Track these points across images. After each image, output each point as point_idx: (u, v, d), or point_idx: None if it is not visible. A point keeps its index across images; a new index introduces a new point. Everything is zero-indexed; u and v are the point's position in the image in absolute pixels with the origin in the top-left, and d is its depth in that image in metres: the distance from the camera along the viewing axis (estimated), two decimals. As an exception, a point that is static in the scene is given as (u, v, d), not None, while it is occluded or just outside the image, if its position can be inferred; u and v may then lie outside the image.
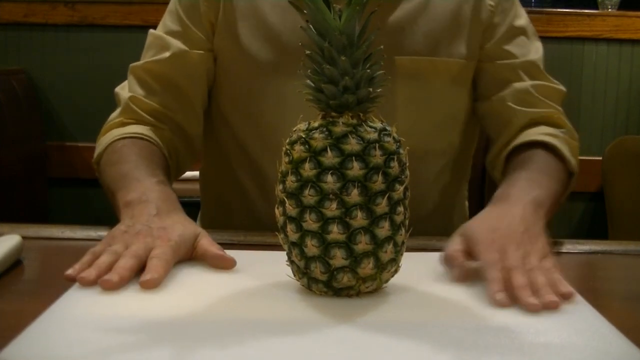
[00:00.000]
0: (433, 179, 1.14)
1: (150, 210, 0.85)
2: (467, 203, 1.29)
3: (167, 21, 1.12)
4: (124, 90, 1.11)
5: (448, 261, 0.81)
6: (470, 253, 0.81)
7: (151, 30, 1.13)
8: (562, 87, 1.15)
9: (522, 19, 1.15)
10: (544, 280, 0.74)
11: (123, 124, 1.07)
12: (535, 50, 1.14)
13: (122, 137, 1.04)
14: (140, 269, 0.76)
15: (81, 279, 0.73)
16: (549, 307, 0.70)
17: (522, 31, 1.14)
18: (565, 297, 0.72)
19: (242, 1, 1.09)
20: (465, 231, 0.83)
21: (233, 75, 1.12)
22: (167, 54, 1.09)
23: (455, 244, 0.82)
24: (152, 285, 0.73)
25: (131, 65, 1.12)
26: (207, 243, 0.83)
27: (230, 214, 1.20)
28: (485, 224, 0.84)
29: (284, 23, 1.07)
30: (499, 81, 1.12)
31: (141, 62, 1.11)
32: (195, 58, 1.10)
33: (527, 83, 1.11)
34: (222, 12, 1.09)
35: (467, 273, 0.78)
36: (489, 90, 1.13)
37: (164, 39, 1.10)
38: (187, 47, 1.09)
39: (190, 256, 0.83)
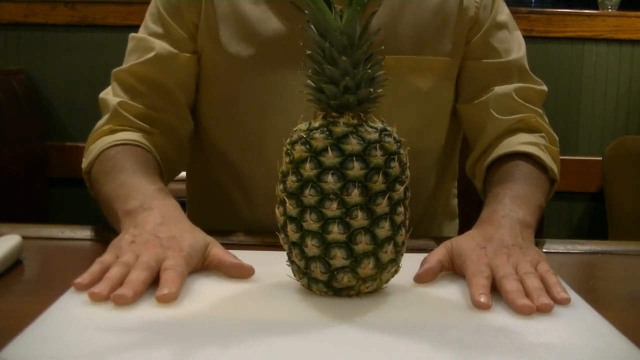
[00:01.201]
0: (420, 176, 1.13)
1: (155, 218, 0.82)
2: (456, 201, 1.28)
3: (149, 23, 1.10)
4: (109, 95, 1.08)
5: (422, 263, 0.81)
6: (454, 267, 0.81)
7: (132, 34, 1.11)
8: (543, 87, 1.14)
9: (504, 13, 1.14)
10: (537, 284, 0.74)
11: (112, 131, 1.04)
12: (517, 47, 1.13)
13: (114, 145, 1.00)
14: (153, 281, 0.73)
15: (93, 295, 0.69)
16: (542, 310, 0.70)
17: (504, 26, 1.13)
18: (561, 303, 0.72)
19: (223, 2, 1.07)
20: (451, 246, 0.83)
21: (212, 77, 1.10)
22: (151, 55, 1.06)
23: (438, 254, 0.82)
24: (169, 300, 0.70)
25: (114, 70, 1.09)
26: (221, 252, 0.81)
27: (215, 215, 1.18)
28: (474, 241, 0.83)
29: (265, 23, 1.06)
30: (482, 83, 1.11)
31: (125, 66, 1.08)
32: (181, 59, 1.07)
33: (509, 87, 1.10)
34: (204, 13, 1.07)
35: (430, 274, 0.79)
36: (472, 92, 1.12)
37: (147, 40, 1.08)
38: (172, 47, 1.07)
39: (201, 267, 0.80)
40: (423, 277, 0.78)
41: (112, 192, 0.92)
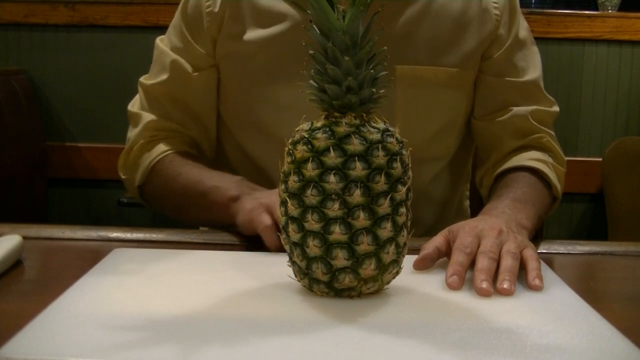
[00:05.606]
0: (430, 181, 1.15)
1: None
2: (467, 202, 1.30)
3: (172, 36, 1.14)
4: (134, 107, 1.14)
5: (421, 250, 0.83)
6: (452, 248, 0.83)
7: (157, 42, 1.15)
8: (555, 108, 1.18)
9: (524, 28, 1.17)
10: (511, 265, 0.77)
11: (150, 142, 1.11)
12: (534, 66, 1.16)
13: (163, 156, 1.09)
14: None
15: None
16: (501, 293, 0.74)
17: (524, 43, 1.16)
18: (533, 289, 0.76)
19: (245, 10, 1.10)
20: (449, 232, 0.86)
21: (234, 82, 1.13)
22: (167, 76, 1.12)
23: (435, 241, 0.84)
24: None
25: (140, 80, 1.14)
26: None
27: None
28: (470, 223, 0.86)
29: (285, 19, 1.08)
30: (500, 101, 1.14)
31: (149, 81, 1.13)
32: (196, 78, 1.12)
33: (526, 109, 1.13)
34: (227, 23, 1.10)
35: (427, 260, 0.81)
36: (489, 108, 1.15)
37: (167, 55, 1.12)
38: (189, 64, 1.11)
39: None
40: (420, 264, 0.81)
41: (197, 185, 1.03)
